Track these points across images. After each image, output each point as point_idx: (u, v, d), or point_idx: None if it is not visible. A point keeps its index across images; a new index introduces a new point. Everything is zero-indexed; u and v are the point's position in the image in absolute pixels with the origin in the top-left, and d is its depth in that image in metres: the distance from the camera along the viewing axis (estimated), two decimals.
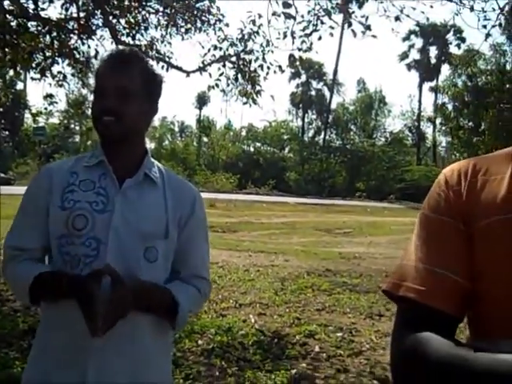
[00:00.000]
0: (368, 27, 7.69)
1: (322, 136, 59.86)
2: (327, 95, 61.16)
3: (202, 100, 64.66)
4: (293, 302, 7.60)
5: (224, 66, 9.02)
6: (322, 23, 7.92)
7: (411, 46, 59.02)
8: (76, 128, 55.73)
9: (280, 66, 8.65)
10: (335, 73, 59.14)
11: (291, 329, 6.29)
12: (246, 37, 8.61)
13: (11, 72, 10.11)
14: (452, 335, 1.09)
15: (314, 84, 62.42)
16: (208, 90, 9.36)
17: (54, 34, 8.33)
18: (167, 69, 8.90)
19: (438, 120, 39.55)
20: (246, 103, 9.40)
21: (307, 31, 8.01)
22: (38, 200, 1.90)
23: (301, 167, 55.76)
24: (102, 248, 1.81)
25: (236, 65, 8.96)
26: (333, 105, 61.09)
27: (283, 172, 54.73)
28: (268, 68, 8.73)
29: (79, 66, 9.36)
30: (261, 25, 8.37)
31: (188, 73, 9.14)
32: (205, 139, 66.38)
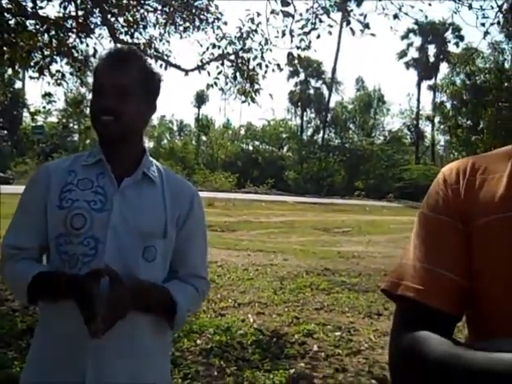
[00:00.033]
0: (366, 25, 7.69)
1: (321, 135, 59.92)
2: (326, 94, 61.24)
3: (201, 99, 64.65)
4: (291, 302, 7.60)
5: (222, 65, 9.02)
6: (321, 21, 7.93)
7: (410, 45, 59.12)
8: (74, 127, 55.65)
9: (278, 65, 8.66)
10: (334, 71, 59.23)
11: (290, 328, 6.29)
12: (245, 35, 8.60)
13: (9, 71, 10.10)
14: (450, 334, 1.09)
15: (313, 82, 62.49)
16: (207, 89, 9.36)
17: (53, 33, 8.31)
18: (166, 67, 8.90)
19: (437, 119, 39.48)
20: (245, 102, 9.41)
21: (306, 29, 8.02)
22: (36, 199, 1.89)
23: (299, 166, 55.78)
24: (101, 247, 1.80)
25: (234, 63, 8.96)
26: (331, 103, 61.23)
27: (282, 171, 54.76)
28: (266, 66, 8.74)
29: (78, 65, 9.35)
30: (259, 23, 8.37)
31: (186, 71, 9.14)
32: (203, 138, 66.40)
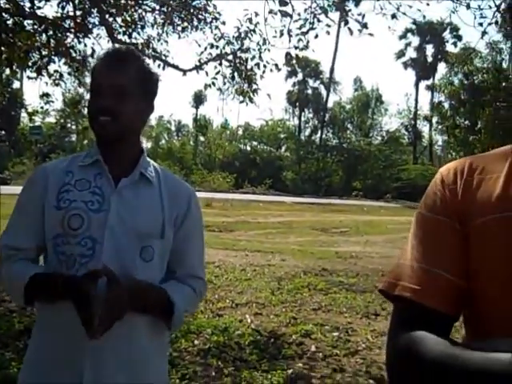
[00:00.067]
0: (365, 25, 7.69)
1: (319, 135, 59.90)
2: (324, 94, 61.22)
3: (199, 99, 64.60)
4: (289, 302, 7.60)
5: (220, 65, 9.01)
6: (319, 21, 7.92)
7: (408, 45, 59.11)
8: (72, 127, 55.57)
9: (276, 65, 8.66)
10: (332, 71, 59.21)
11: (287, 328, 6.29)
12: (243, 35, 8.59)
13: (7, 71, 10.07)
14: (447, 334, 1.09)
15: (311, 82, 62.49)
16: (204, 89, 9.35)
17: (51, 33, 8.29)
18: (164, 67, 8.90)
19: (435, 119, 39.48)
20: (243, 102, 9.40)
21: (304, 29, 8.00)
22: (34, 200, 1.89)
23: (297, 166, 55.75)
24: (98, 247, 1.80)
25: (232, 63, 8.95)
26: (329, 103, 61.19)
27: (280, 171, 54.72)
28: (264, 66, 8.73)
29: (76, 65, 9.34)
30: (257, 23, 8.36)
31: (184, 71, 9.13)
32: (201, 138, 66.34)
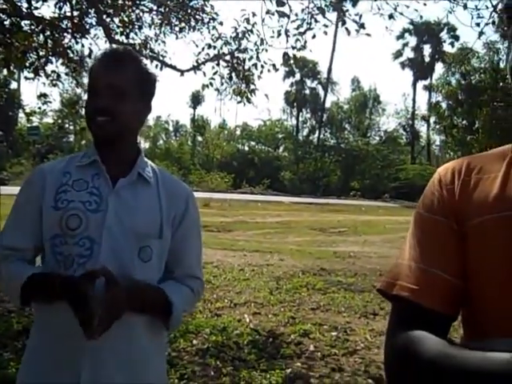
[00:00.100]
0: (362, 25, 7.69)
1: (317, 135, 59.95)
2: (321, 94, 61.32)
3: (197, 99, 64.64)
4: (288, 302, 7.60)
5: (218, 65, 9.00)
6: (316, 21, 7.91)
7: (405, 45, 59.23)
8: (70, 127, 55.49)
9: (274, 65, 8.64)
10: (329, 71, 59.26)
11: (286, 328, 6.29)
12: (240, 35, 8.58)
13: (5, 71, 10.06)
14: (445, 334, 1.09)
15: (309, 83, 62.57)
16: (202, 89, 9.33)
17: (48, 33, 8.29)
18: (161, 68, 8.88)
19: (432, 118, 39.65)
20: (241, 102, 9.39)
21: (301, 29, 7.99)
22: (31, 201, 1.89)
23: (295, 166, 55.75)
24: (96, 248, 1.80)
25: (230, 63, 8.94)
26: (327, 103, 61.31)
27: (278, 171, 54.72)
28: (262, 67, 8.71)
29: (73, 65, 9.33)
30: (255, 23, 8.34)
31: (182, 72, 9.12)
32: (199, 138, 66.37)
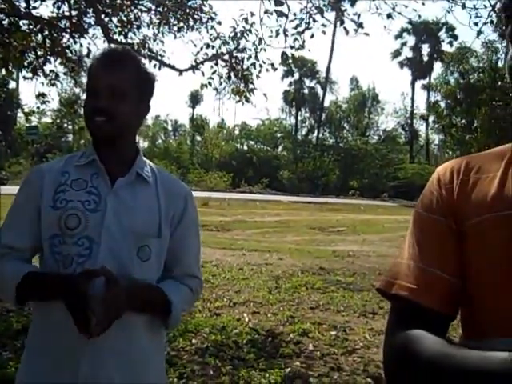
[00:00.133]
0: (360, 25, 7.69)
1: (315, 134, 59.98)
2: (320, 93, 61.35)
3: (195, 98, 64.71)
4: (287, 301, 7.60)
5: (217, 65, 8.99)
6: (315, 21, 7.91)
7: (404, 44, 59.29)
8: (69, 127, 55.51)
9: (273, 64, 8.64)
10: (328, 71, 59.28)
11: (285, 327, 6.29)
12: (239, 35, 8.57)
13: (3, 71, 10.05)
14: (444, 333, 1.09)
15: (307, 82, 62.63)
16: (201, 89, 9.33)
17: (46, 33, 8.28)
18: (160, 67, 8.87)
19: (431, 118, 39.59)
20: (239, 101, 9.39)
21: (299, 29, 7.99)
22: (30, 200, 1.89)
23: (294, 165, 55.77)
24: (95, 247, 1.80)
25: (229, 63, 8.93)
26: (326, 103, 61.36)
27: (277, 170, 54.73)
28: (260, 66, 8.70)
29: (71, 65, 9.31)
30: (253, 23, 8.33)
31: (181, 71, 9.11)
32: (198, 138, 66.37)
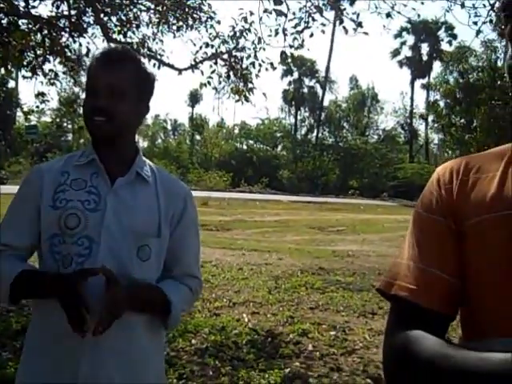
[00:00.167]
0: (359, 24, 7.67)
1: (315, 133, 60.01)
2: (319, 92, 61.35)
3: (195, 98, 64.70)
4: (286, 301, 7.59)
5: (216, 64, 8.98)
6: (314, 20, 7.89)
7: (403, 43, 59.25)
8: (68, 126, 55.54)
9: (272, 64, 8.62)
10: (327, 70, 59.30)
11: (285, 327, 6.28)
12: (238, 34, 8.55)
13: (2, 70, 10.04)
14: (444, 333, 1.09)
15: (307, 81, 62.65)
16: (200, 88, 9.32)
17: (45, 32, 8.26)
18: (159, 66, 8.86)
19: (430, 117, 39.55)
20: (239, 101, 9.37)
21: (299, 28, 7.97)
22: (29, 200, 1.88)
23: (294, 165, 55.79)
24: (95, 247, 1.80)
25: (228, 62, 8.92)
26: (325, 102, 61.39)
27: (276, 170, 54.74)
28: (260, 65, 8.69)
29: (71, 64, 9.31)
30: (252, 22, 8.32)
31: (180, 70, 9.10)
32: (197, 137, 66.39)
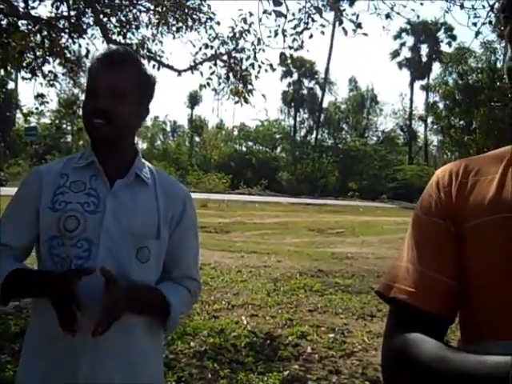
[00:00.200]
0: (359, 25, 7.67)
1: (314, 135, 60.05)
2: (319, 94, 61.40)
3: (194, 99, 64.69)
4: (285, 303, 7.58)
5: (215, 65, 8.98)
6: (313, 21, 7.88)
7: (402, 44, 59.32)
8: (68, 128, 55.58)
9: (271, 65, 8.62)
10: (327, 71, 59.35)
11: (283, 330, 6.27)
12: (237, 35, 8.55)
13: (2, 71, 10.04)
14: (443, 336, 1.09)
15: (306, 83, 62.66)
16: (199, 89, 9.32)
17: (45, 33, 8.27)
18: (158, 68, 8.87)
19: (430, 119, 39.71)
20: (238, 102, 9.37)
21: (298, 29, 7.97)
22: (27, 202, 1.88)
23: (293, 167, 55.82)
24: (94, 249, 1.79)
25: (227, 63, 8.92)
26: (324, 103, 61.44)
27: (275, 172, 54.79)
28: (259, 67, 8.69)
29: (70, 65, 9.31)
30: (252, 23, 8.32)
31: (179, 72, 9.10)
32: (197, 139, 66.41)
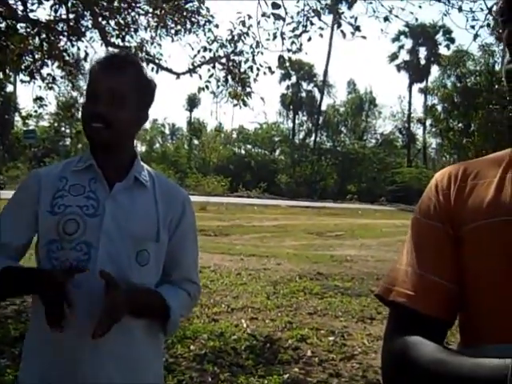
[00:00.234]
0: (357, 28, 7.68)
1: (313, 138, 60.08)
2: (317, 97, 61.45)
3: (193, 102, 64.72)
4: (285, 306, 7.56)
5: (214, 68, 9.00)
6: (312, 24, 7.91)
7: (401, 47, 59.36)
8: (66, 131, 55.58)
9: (270, 68, 8.63)
10: (325, 74, 59.38)
11: (283, 333, 6.25)
12: (236, 38, 8.58)
13: (0, 74, 10.05)
14: (442, 339, 1.09)
15: (305, 85, 62.70)
16: (198, 92, 9.33)
17: (44, 36, 8.27)
18: (157, 70, 8.88)
19: (428, 121, 39.77)
20: (237, 105, 9.37)
21: (297, 32, 7.99)
22: (26, 205, 1.88)
23: (292, 170, 55.82)
24: (93, 252, 1.79)
25: (226, 66, 8.93)
26: (323, 106, 61.49)
27: (274, 175, 54.78)
28: (258, 69, 8.71)
29: (69, 68, 9.32)
30: (250, 26, 8.35)
31: (178, 74, 9.11)
32: (196, 142, 66.42)
